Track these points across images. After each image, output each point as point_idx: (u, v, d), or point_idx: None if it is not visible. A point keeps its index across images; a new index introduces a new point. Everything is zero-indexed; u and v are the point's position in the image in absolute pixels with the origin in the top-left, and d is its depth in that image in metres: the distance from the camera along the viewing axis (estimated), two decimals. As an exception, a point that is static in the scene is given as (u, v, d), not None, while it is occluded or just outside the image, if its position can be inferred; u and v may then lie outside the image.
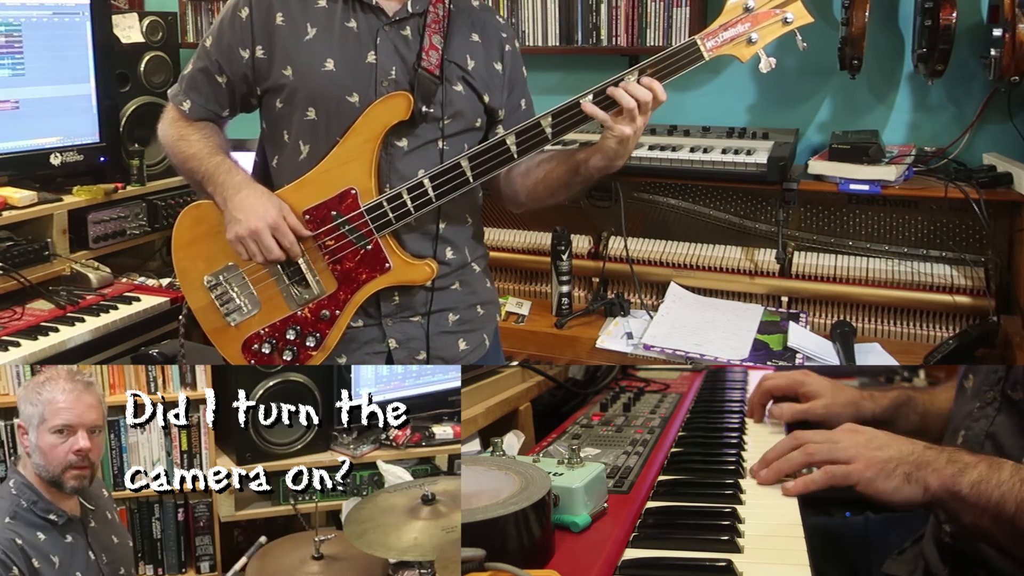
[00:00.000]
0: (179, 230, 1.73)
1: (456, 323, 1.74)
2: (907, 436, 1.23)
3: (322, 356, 1.70)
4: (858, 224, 2.42)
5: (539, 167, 1.72)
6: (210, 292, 1.71)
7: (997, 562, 1.20)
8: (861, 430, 1.26)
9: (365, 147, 1.60)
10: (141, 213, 2.67)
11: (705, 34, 1.56)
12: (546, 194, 1.73)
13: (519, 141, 1.59)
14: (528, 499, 0.96)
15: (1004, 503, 1.06)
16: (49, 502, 1.27)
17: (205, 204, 1.70)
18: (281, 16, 1.62)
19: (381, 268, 1.65)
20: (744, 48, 1.57)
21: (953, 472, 1.12)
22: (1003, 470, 1.09)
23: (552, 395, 1.87)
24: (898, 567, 1.45)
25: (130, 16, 2.83)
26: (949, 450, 1.17)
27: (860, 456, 1.19)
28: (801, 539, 1.07)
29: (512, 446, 1.53)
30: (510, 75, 1.74)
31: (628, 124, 1.54)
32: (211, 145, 1.69)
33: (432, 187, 1.61)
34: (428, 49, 1.61)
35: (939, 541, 1.33)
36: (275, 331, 1.70)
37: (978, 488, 1.09)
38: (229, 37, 1.65)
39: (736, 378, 2.04)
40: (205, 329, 1.75)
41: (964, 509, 1.11)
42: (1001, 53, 2.08)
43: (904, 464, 1.16)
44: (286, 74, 1.61)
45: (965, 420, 1.34)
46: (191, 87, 1.70)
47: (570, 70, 2.80)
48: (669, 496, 1.24)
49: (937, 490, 1.13)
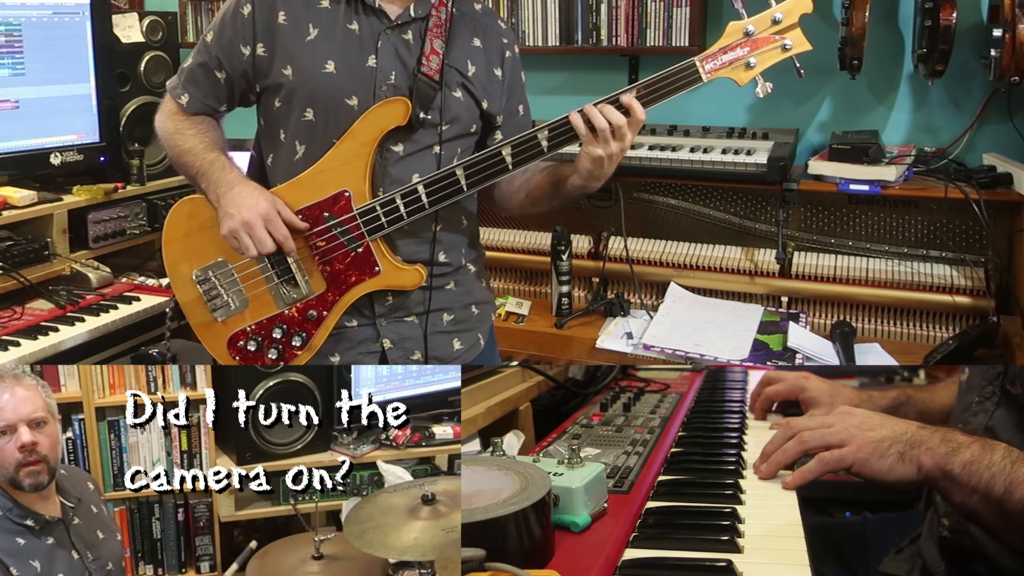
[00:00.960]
0: (171, 223, 1.73)
1: (451, 323, 1.74)
2: None
3: (308, 356, 1.69)
4: (858, 224, 2.42)
5: (522, 176, 1.72)
6: (198, 287, 1.71)
7: (994, 554, 1.20)
8: (854, 412, 1.27)
9: (361, 150, 1.60)
10: (141, 213, 2.67)
11: (704, 56, 1.57)
12: (528, 203, 1.74)
13: (514, 153, 1.60)
14: (528, 499, 0.96)
15: (994, 483, 1.07)
16: (25, 507, 1.22)
17: (199, 198, 1.70)
18: (283, 15, 1.62)
19: (371, 271, 1.65)
20: (742, 72, 1.58)
21: (946, 451, 1.13)
22: (995, 451, 1.10)
23: (552, 395, 1.87)
24: (896, 566, 1.45)
25: (130, 16, 2.83)
26: (943, 430, 1.18)
27: (853, 438, 1.20)
28: (801, 539, 1.07)
29: (512, 446, 1.53)
30: (509, 81, 1.73)
31: (601, 146, 1.52)
32: (207, 141, 1.69)
33: (426, 193, 1.61)
34: (429, 54, 1.61)
35: (937, 537, 1.33)
36: (261, 329, 1.69)
37: (969, 468, 1.10)
38: (231, 33, 1.64)
39: (736, 378, 2.04)
40: (191, 323, 1.75)
41: (955, 488, 1.12)
42: (1001, 53, 2.08)
43: (898, 443, 1.17)
44: (286, 73, 1.61)
45: (963, 414, 1.34)
46: (190, 81, 1.70)
47: (570, 70, 2.80)
48: (669, 496, 1.24)
49: (930, 468, 1.14)
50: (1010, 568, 1.17)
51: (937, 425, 1.46)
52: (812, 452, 1.24)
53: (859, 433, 1.21)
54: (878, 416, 1.25)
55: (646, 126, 2.61)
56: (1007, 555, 1.17)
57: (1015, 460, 1.08)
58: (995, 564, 1.21)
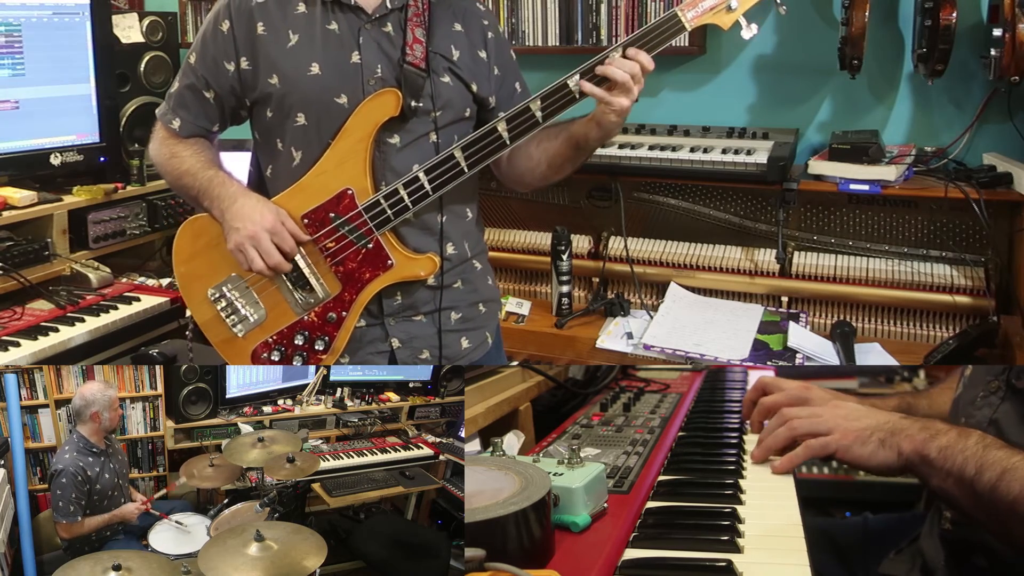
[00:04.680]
0: (179, 245, 1.74)
1: (459, 321, 1.74)
2: None
3: (332, 358, 1.70)
4: (858, 224, 2.42)
5: (540, 148, 1.72)
6: (214, 305, 1.71)
7: (995, 546, 1.21)
8: (842, 404, 1.35)
9: (358, 147, 1.60)
10: (141, 213, 2.67)
11: (685, 5, 1.58)
12: (552, 172, 1.75)
13: (510, 127, 1.60)
14: (528, 499, 0.96)
15: (966, 467, 1.12)
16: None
17: (203, 217, 1.70)
18: (262, 25, 1.61)
19: (384, 266, 1.65)
20: (724, 16, 1.58)
21: (924, 437, 1.19)
22: (970, 437, 1.15)
23: (552, 395, 1.87)
24: (895, 567, 1.45)
25: (130, 16, 2.83)
26: (924, 420, 1.23)
27: (838, 427, 1.27)
28: (801, 539, 1.07)
29: (512, 446, 1.53)
30: (496, 61, 1.73)
31: (626, 96, 1.56)
32: (203, 160, 1.69)
33: (428, 180, 1.61)
34: (412, 43, 1.61)
35: (939, 530, 1.34)
36: (283, 338, 1.70)
37: (945, 453, 1.15)
38: (213, 51, 1.64)
39: (736, 378, 2.04)
40: (212, 342, 1.75)
41: (932, 472, 1.17)
42: (1001, 53, 2.08)
43: (879, 431, 1.24)
44: (272, 82, 1.61)
45: (967, 408, 1.35)
46: (179, 104, 1.70)
47: (570, 70, 2.79)
48: (669, 496, 1.24)
49: (909, 454, 1.19)
50: (1011, 560, 1.18)
51: None
52: (801, 439, 1.31)
53: (844, 423, 1.28)
54: (864, 408, 1.32)
55: (646, 126, 2.62)
56: (1009, 547, 1.17)
57: (987, 445, 1.13)
58: (995, 556, 1.22)
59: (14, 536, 1.70)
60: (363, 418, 2.67)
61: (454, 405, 2.82)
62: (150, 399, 2.35)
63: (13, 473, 1.74)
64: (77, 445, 1.87)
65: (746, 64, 2.65)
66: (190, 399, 2.40)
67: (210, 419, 2.45)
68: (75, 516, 1.81)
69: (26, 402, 2.11)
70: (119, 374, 2.26)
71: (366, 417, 2.68)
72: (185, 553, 1.77)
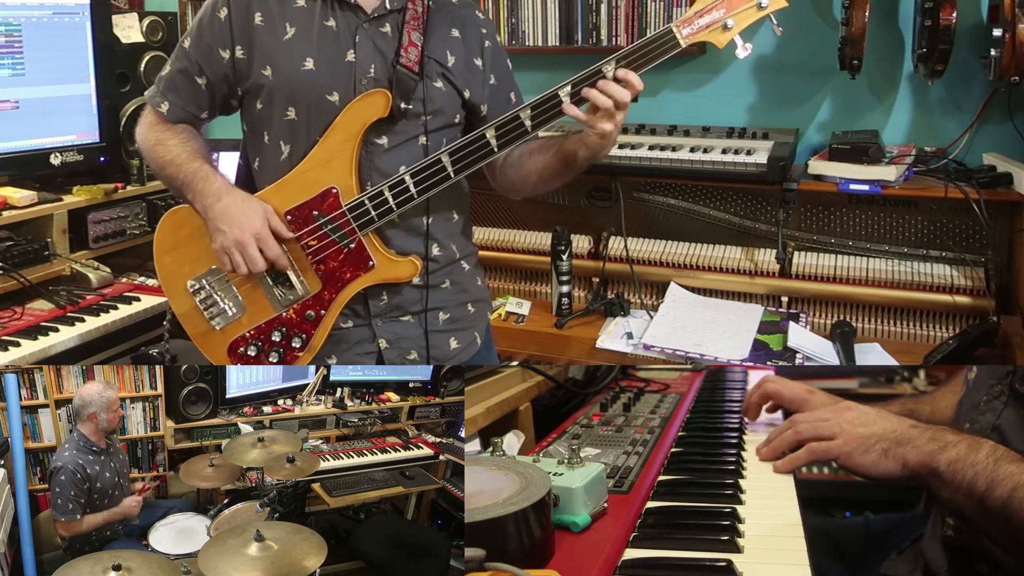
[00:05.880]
0: (160, 235, 1.73)
1: (447, 322, 1.74)
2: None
3: (308, 357, 1.69)
4: (858, 224, 2.42)
5: (531, 159, 1.72)
6: (193, 296, 1.70)
7: (998, 554, 1.20)
8: (852, 407, 1.33)
9: (345, 145, 1.60)
10: (141, 213, 2.67)
11: (681, 21, 1.57)
12: (541, 184, 1.74)
13: (499, 135, 1.59)
14: (528, 499, 0.96)
15: (976, 481, 1.10)
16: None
17: (184, 208, 1.69)
18: (260, 16, 1.61)
19: (365, 266, 1.64)
20: (720, 34, 1.57)
21: (933, 449, 1.16)
22: (981, 450, 1.12)
23: (552, 395, 1.87)
24: (897, 567, 1.45)
25: (130, 16, 2.84)
26: (934, 428, 1.21)
27: (843, 432, 1.26)
28: (801, 539, 1.07)
29: (512, 446, 1.53)
30: (492, 70, 1.73)
31: (608, 121, 1.55)
32: (189, 150, 1.67)
33: (413, 183, 1.60)
34: (407, 46, 1.60)
35: (941, 536, 1.33)
36: (260, 333, 1.69)
37: (954, 466, 1.13)
38: (208, 37, 1.64)
39: (736, 378, 2.04)
40: (190, 334, 1.74)
41: (942, 486, 1.15)
42: (1001, 53, 2.08)
43: (884, 440, 1.22)
44: (265, 74, 1.61)
45: (971, 412, 1.34)
46: (169, 88, 1.69)
47: (570, 70, 2.78)
48: (669, 496, 1.24)
49: (916, 466, 1.17)
50: (1013, 568, 1.17)
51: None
52: (806, 442, 1.30)
53: (850, 428, 1.26)
54: (874, 413, 1.29)
55: (646, 126, 2.62)
56: (1011, 553, 1.17)
57: (999, 458, 1.10)
58: (998, 564, 1.21)
59: (14, 536, 1.70)
60: (363, 418, 2.68)
61: (454, 405, 2.82)
62: (150, 399, 2.34)
63: (13, 473, 1.74)
64: (77, 443, 1.88)
65: (746, 64, 2.65)
66: (190, 399, 2.40)
67: (210, 419, 2.45)
68: (74, 514, 1.81)
69: (26, 402, 2.10)
70: (119, 374, 2.26)
71: (366, 417, 2.68)
72: (185, 553, 1.78)
